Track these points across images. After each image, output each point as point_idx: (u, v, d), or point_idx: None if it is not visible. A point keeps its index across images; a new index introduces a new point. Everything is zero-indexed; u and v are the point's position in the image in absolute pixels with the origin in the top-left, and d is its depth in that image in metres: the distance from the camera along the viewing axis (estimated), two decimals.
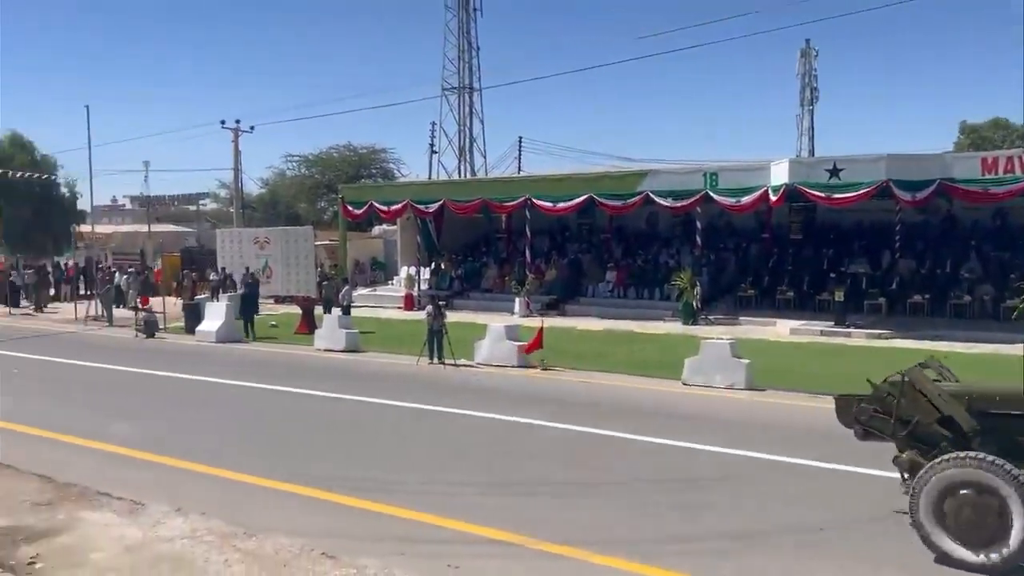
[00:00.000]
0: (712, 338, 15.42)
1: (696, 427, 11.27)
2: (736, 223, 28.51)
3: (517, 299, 26.89)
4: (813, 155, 42.83)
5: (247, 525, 7.37)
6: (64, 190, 41.46)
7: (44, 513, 7.83)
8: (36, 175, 38.14)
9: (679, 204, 25.51)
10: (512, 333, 17.37)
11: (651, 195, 25.48)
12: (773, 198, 23.43)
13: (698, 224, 26.01)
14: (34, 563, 6.60)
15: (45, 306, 31.93)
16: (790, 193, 23.07)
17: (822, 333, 21.10)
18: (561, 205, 27.23)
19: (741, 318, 24.02)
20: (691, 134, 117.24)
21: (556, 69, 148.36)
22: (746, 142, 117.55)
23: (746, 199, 24.06)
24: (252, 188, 55.10)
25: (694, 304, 24.06)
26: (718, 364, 14.25)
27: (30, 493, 8.47)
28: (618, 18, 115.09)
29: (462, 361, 17.05)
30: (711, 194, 24.45)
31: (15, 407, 13.09)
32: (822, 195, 22.38)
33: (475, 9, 52.02)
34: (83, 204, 43.50)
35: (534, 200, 27.48)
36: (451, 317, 18.65)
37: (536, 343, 16.45)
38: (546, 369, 16.18)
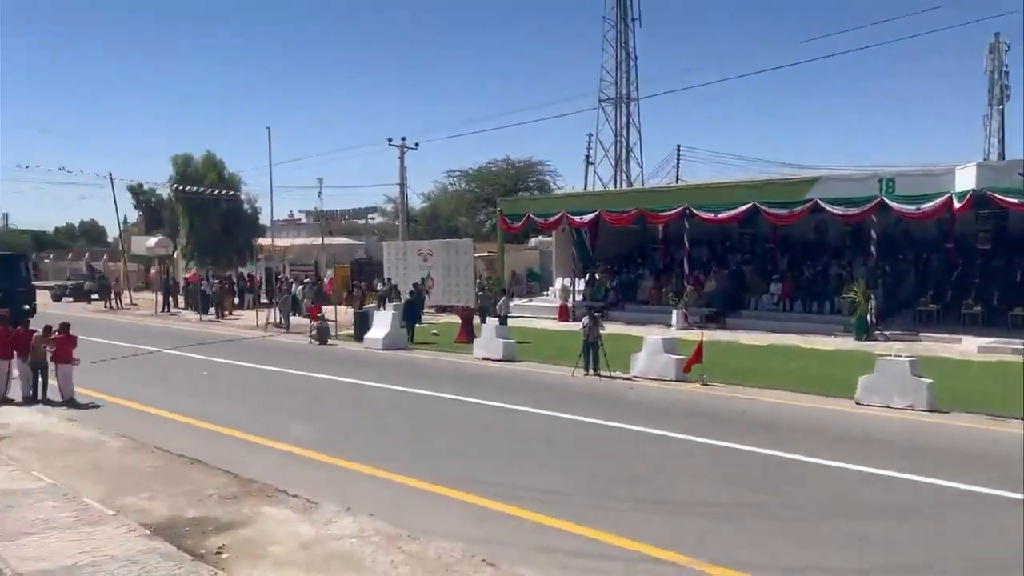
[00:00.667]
0: (889, 355, 14.42)
1: (870, 450, 10.56)
2: (915, 232, 26.66)
3: (675, 311, 26.38)
4: (1003, 158, 39.30)
5: (411, 527, 7.62)
6: (247, 206, 44.84)
7: (229, 507, 8.44)
8: (224, 192, 41.50)
9: (851, 212, 24.19)
10: (670, 346, 17.02)
11: (820, 203, 24.29)
12: (958, 205, 21.73)
13: (872, 233, 24.49)
14: (221, 553, 7.13)
15: (230, 313, 34.67)
16: (978, 199, 21.32)
17: (1014, 351, 19.27)
18: (722, 215, 26.50)
19: (921, 334, 22.37)
20: (860, 139, 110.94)
21: (715, 76, 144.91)
22: (922, 147, 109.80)
23: (927, 206, 22.45)
24: (416, 202, 57.42)
25: (868, 319, 22.67)
26: (896, 383, 13.29)
27: (217, 487, 9.17)
28: (779, 21, 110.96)
29: (617, 373, 16.90)
30: (887, 201, 22.98)
31: (204, 407, 14.25)
32: (1015, 201, 20.50)
33: (633, 19, 51.86)
34: (264, 219, 46.82)
35: (693, 210, 26.89)
36: (606, 329, 18.53)
37: (696, 357, 16.02)
38: (706, 384, 15.73)
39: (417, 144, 44.00)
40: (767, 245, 29.80)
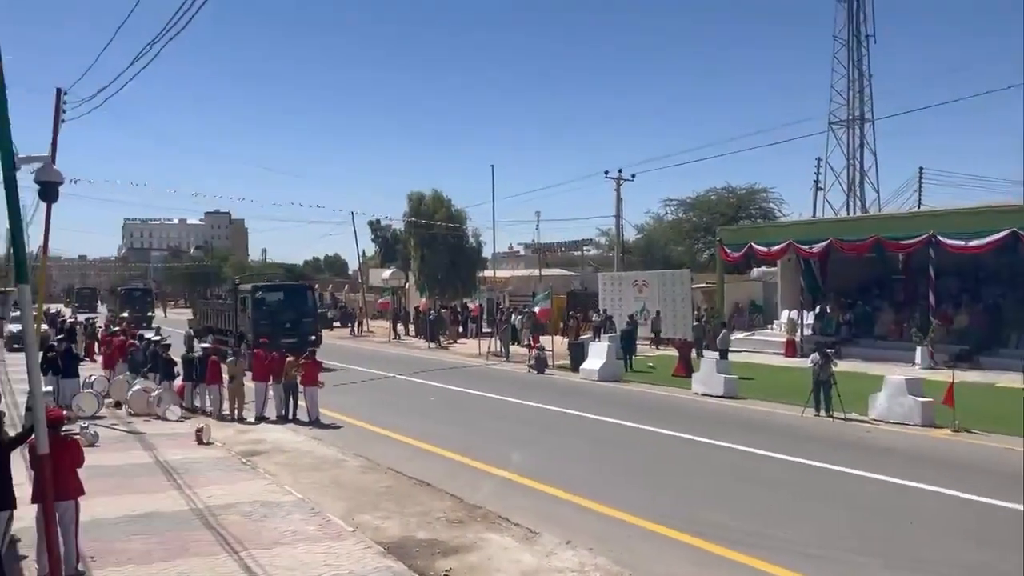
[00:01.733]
0: None
1: None
2: None
3: (919, 348, 24.13)
4: None
5: (633, 567, 7.52)
6: (472, 240, 47.05)
7: (456, 530, 8.81)
8: (451, 227, 43.92)
9: None
10: (914, 387, 15.56)
11: None
12: None
13: None
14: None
15: (454, 341, 36.44)
16: None
17: None
18: (975, 243, 23.93)
19: None
20: None
21: (961, 92, 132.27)
22: None
23: None
24: (629, 233, 57.36)
25: None
26: None
27: (444, 510, 9.61)
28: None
29: (853, 415, 15.71)
30: None
31: (431, 430, 15.03)
32: None
33: (867, 36, 48.80)
34: (486, 252, 48.88)
35: (940, 237, 24.56)
36: (839, 366, 17.32)
37: (946, 400, 14.53)
38: (958, 431, 14.20)
39: (634, 175, 44.00)
40: None
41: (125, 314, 45.67)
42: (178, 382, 18.45)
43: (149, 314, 54.44)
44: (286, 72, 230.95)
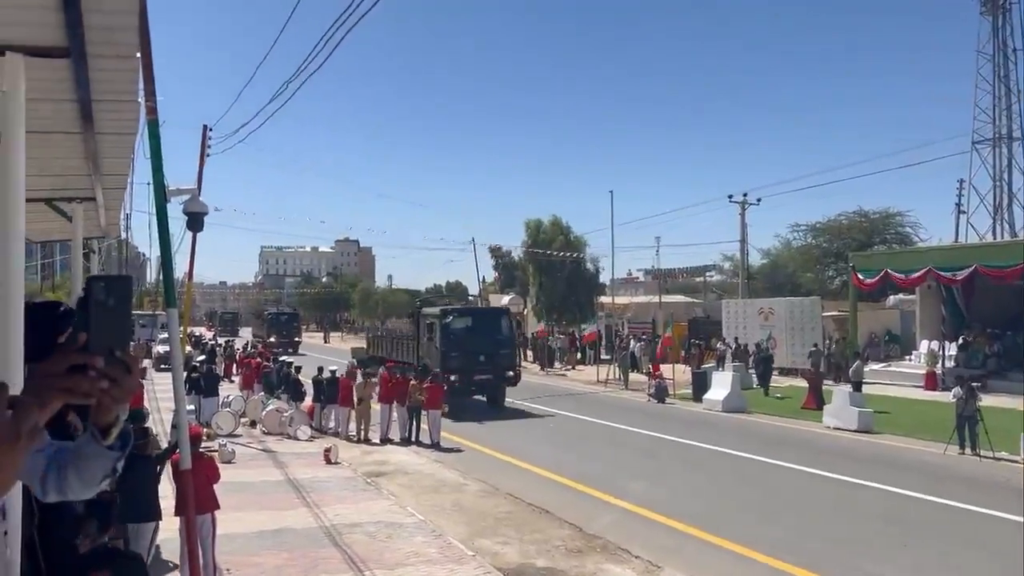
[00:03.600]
0: None
1: None
2: None
3: None
4: None
5: None
6: (589, 265, 46.94)
7: (574, 560, 8.72)
8: (570, 255, 44.03)
9: None
10: None
11: None
12: None
13: None
14: None
15: (572, 367, 36.30)
16: None
17: None
18: None
19: None
20: None
21: None
22: None
23: None
24: (754, 258, 55.71)
25: None
26: None
27: (563, 539, 9.53)
28: None
29: (1003, 454, 14.55)
30: None
31: (551, 457, 14.97)
32: None
33: (1015, 49, 45.79)
34: (604, 277, 48.66)
35: None
36: (986, 401, 16.11)
37: None
38: None
39: (759, 199, 42.87)
40: None
41: (272, 339, 47.61)
42: (307, 402, 19.21)
43: (296, 339, 53.02)
44: (410, 98, 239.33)
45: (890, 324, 35.71)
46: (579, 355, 39.00)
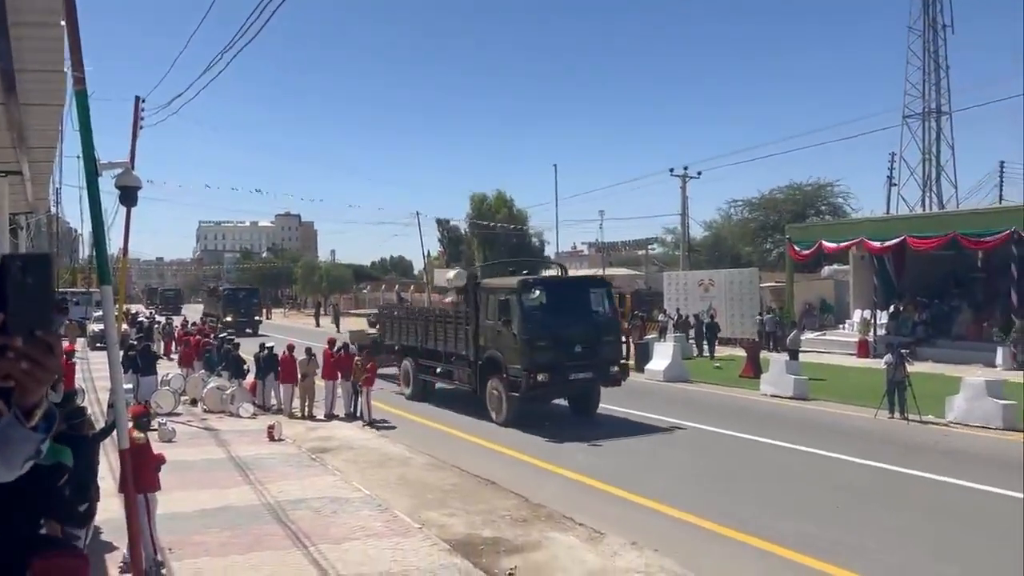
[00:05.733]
0: None
1: None
2: None
3: (1000, 349, 23.17)
4: None
5: (698, 570, 7.41)
6: (534, 240, 47.19)
7: (520, 529, 8.83)
8: (514, 226, 44.15)
9: None
10: (995, 389, 14.96)
11: None
12: None
13: None
14: (513, 574, 7.46)
15: None
16: None
17: None
18: None
19: None
20: None
21: None
22: None
23: None
24: (696, 232, 56.58)
25: None
26: None
27: (509, 509, 9.64)
28: None
29: (929, 418, 15.18)
30: None
31: (491, 429, 15.07)
32: None
33: (944, 26, 47.09)
34: (549, 250, 49.02)
35: (1022, 233, 23.53)
36: (914, 367, 16.74)
37: None
38: None
39: (700, 173, 43.46)
40: None
41: (229, 318, 42.99)
42: (250, 379, 18.94)
43: (257, 318, 47.19)
44: (349, 72, 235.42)
45: (825, 294, 36.72)
46: None
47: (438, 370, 18.33)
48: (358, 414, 16.97)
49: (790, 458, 12.53)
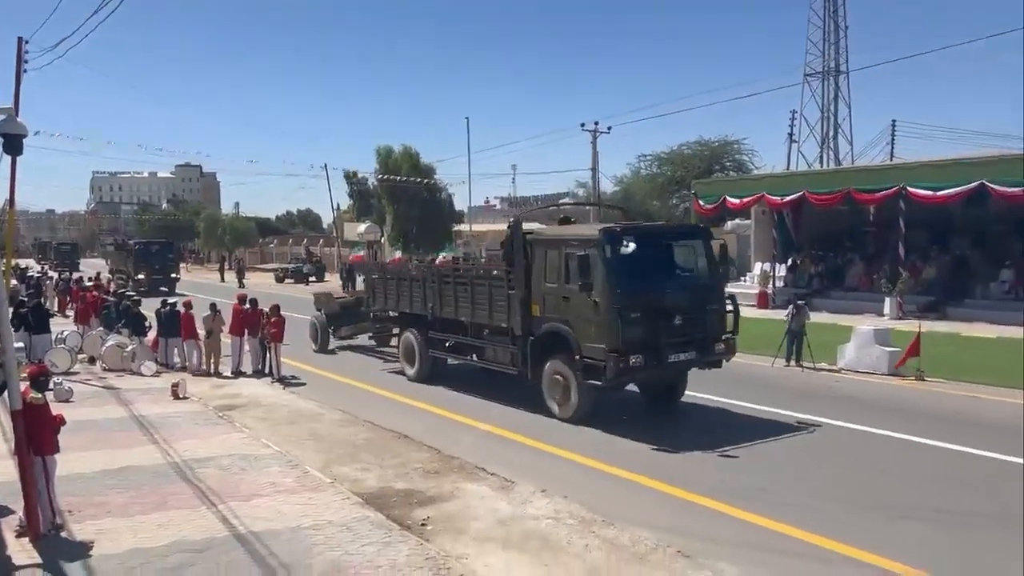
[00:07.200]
0: None
1: None
2: None
3: (887, 299, 24.53)
4: None
5: (605, 513, 7.69)
6: (441, 194, 46.83)
7: (433, 481, 8.93)
8: (423, 180, 43.63)
9: None
10: (882, 337, 15.88)
11: None
12: None
13: None
14: (425, 524, 7.57)
15: None
16: None
17: None
18: (943, 193, 24.16)
19: None
20: None
21: (933, 43, 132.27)
22: None
23: None
24: (607, 186, 57.24)
25: None
26: None
27: (422, 462, 9.73)
28: None
29: (823, 365, 16.02)
30: None
31: (407, 385, 15.10)
32: None
33: None
34: (461, 205, 48.80)
35: (910, 189, 24.77)
36: (811, 317, 17.56)
37: (912, 350, 14.84)
38: (923, 380, 14.54)
39: (610, 128, 43.88)
40: (996, 227, 26.89)
41: (141, 275, 40.04)
42: (151, 336, 18.33)
43: (173, 275, 42.46)
44: (254, 19, 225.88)
45: (728, 247, 37.87)
46: None
47: (453, 345, 14.80)
48: (267, 371, 16.69)
49: (692, 406, 12.92)
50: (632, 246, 11.64)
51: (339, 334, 19.94)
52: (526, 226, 13.29)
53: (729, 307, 12.39)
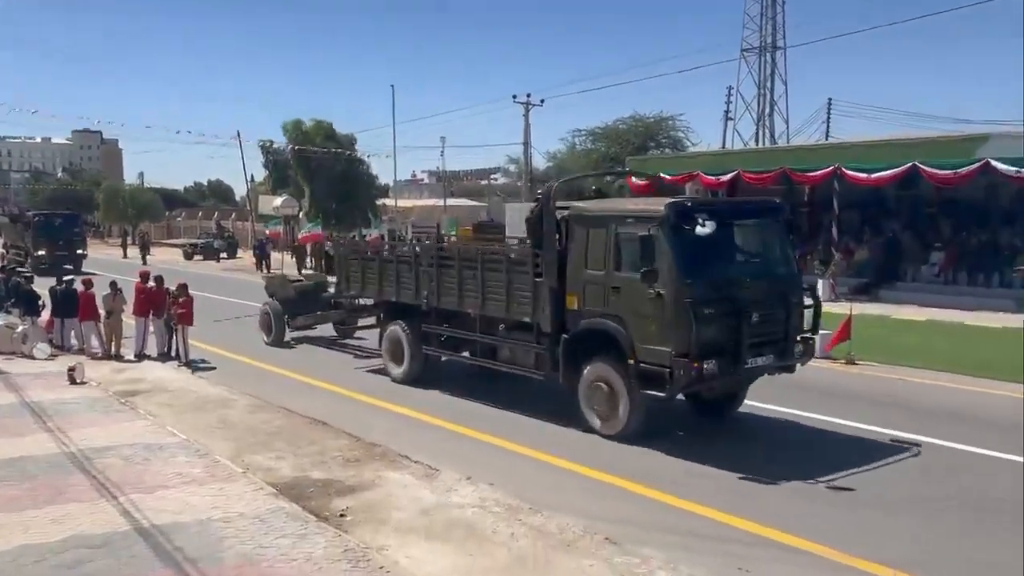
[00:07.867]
0: None
1: None
2: None
3: (820, 281, 25.27)
4: None
5: (532, 501, 7.81)
6: (361, 166, 46.12)
7: (353, 469, 8.91)
8: (338, 152, 42.80)
9: None
10: None
11: (992, 163, 22.60)
12: None
13: None
14: (344, 515, 7.56)
15: None
16: None
17: None
18: (877, 175, 25.07)
19: None
20: None
21: (871, 22, 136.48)
22: None
23: None
24: (540, 162, 57.49)
25: None
26: None
27: (341, 449, 9.68)
28: None
29: None
30: None
31: (311, 364, 14.98)
32: None
33: None
34: (386, 179, 48.32)
35: (844, 170, 25.60)
36: None
37: (842, 332, 15.40)
38: (853, 363, 15.13)
39: (543, 101, 44.11)
40: (928, 210, 28.06)
41: (41, 252, 38.07)
42: (45, 316, 17.69)
43: (80, 251, 40.14)
44: None
45: None
46: None
47: (453, 341, 13.13)
48: (173, 354, 16.29)
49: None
50: (709, 225, 9.38)
51: (294, 324, 17.86)
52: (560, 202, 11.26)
53: (808, 301, 10.71)
